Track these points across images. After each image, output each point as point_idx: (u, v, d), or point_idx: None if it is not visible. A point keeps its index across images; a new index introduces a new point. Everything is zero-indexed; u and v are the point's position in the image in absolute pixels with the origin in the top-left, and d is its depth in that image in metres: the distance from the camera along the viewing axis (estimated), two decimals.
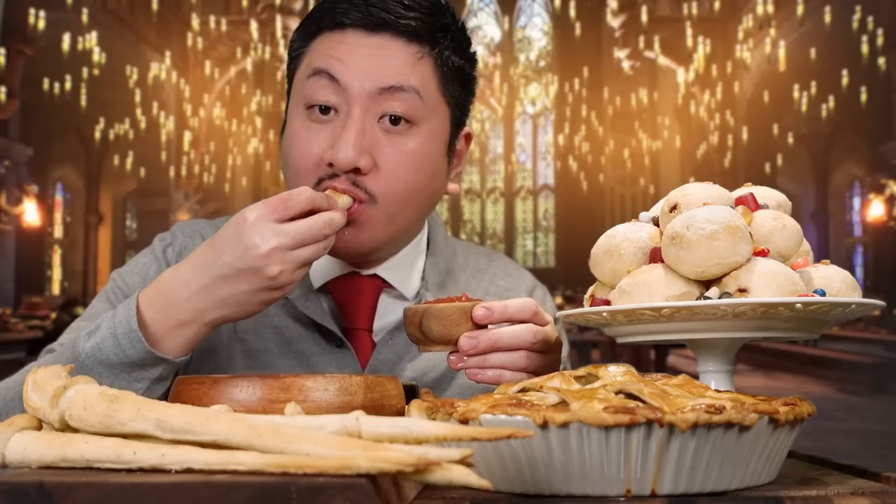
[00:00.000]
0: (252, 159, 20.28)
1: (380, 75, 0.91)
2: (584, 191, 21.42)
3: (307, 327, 1.01)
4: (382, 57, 0.92)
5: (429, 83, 0.94)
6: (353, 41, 0.93)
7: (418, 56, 0.94)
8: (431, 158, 0.96)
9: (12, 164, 13.65)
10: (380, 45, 0.92)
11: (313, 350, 1.00)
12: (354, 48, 0.92)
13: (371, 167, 0.91)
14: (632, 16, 18.14)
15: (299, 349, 1.00)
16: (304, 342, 1.00)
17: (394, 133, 0.93)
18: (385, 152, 0.92)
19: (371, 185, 0.91)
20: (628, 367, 0.63)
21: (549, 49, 23.90)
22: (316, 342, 1.00)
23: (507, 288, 1.16)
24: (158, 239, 1.08)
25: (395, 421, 0.47)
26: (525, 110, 24.00)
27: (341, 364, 0.99)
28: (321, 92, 0.92)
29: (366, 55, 0.92)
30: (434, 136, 0.96)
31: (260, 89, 18.93)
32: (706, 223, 0.67)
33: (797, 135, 16.35)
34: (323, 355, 1.00)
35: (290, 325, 1.01)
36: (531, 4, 24.16)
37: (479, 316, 0.78)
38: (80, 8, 14.01)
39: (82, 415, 0.50)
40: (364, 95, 0.91)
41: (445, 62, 0.96)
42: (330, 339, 1.00)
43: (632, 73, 19.20)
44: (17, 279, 14.28)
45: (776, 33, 15.40)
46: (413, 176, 0.94)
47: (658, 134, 20.35)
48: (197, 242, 1.05)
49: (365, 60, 0.91)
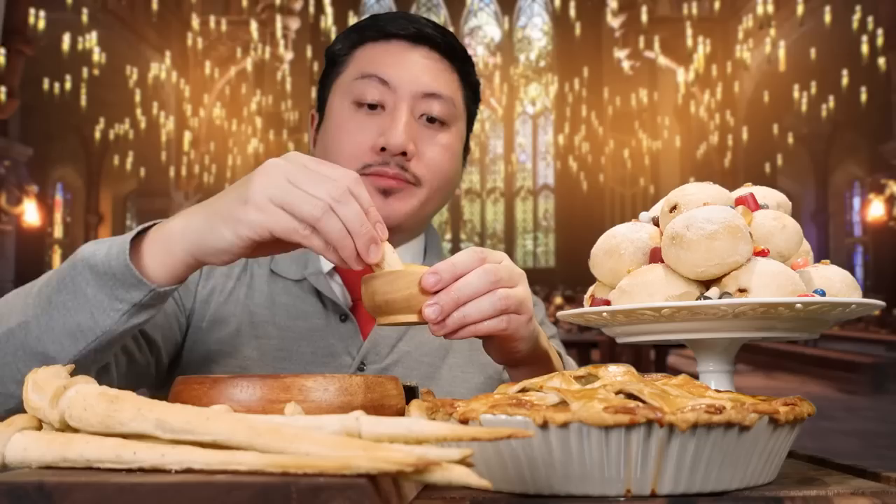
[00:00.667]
0: (252, 159, 20.27)
1: (424, 82, 1.07)
2: (584, 191, 21.43)
3: (315, 304, 1.09)
4: (425, 66, 1.07)
5: (457, 94, 1.11)
6: (397, 51, 1.08)
7: (450, 70, 1.10)
8: (457, 155, 1.12)
9: (12, 164, 13.65)
10: (422, 56, 1.08)
11: (318, 324, 1.08)
12: (401, 57, 1.07)
13: (414, 153, 1.05)
14: (632, 16, 18.15)
15: (307, 323, 1.08)
16: (312, 318, 1.08)
17: (431, 129, 1.07)
18: (426, 143, 1.06)
19: (416, 169, 1.05)
20: (628, 367, 0.63)
21: (549, 49, 23.90)
22: (322, 317, 1.08)
23: None
24: None
25: (395, 421, 0.47)
26: (525, 110, 24.00)
27: (344, 336, 1.07)
28: (371, 92, 1.06)
29: (412, 63, 1.07)
30: (458, 137, 1.12)
31: (260, 89, 18.94)
32: (706, 223, 0.67)
33: (797, 135, 16.35)
34: (328, 328, 1.07)
35: (300, 301, 1.09)
36: (531, 4, 24.16)
37: (430, 284, 0.74)
38: (80, 8, 14.02)
39: (82, 415, 0.49)
40: (409, 96, 1.06)
41: (467, 77, 1.14)
42: (335, 313, 1.09)
43: (632, 73, 19.20)
44: (17, 279, 14.26)
45: (776, 33, 15.40)
46: (447, 166, 1.08)
47: (658, 134, 20.35)
48: None
49: (413, 67, 1.07)
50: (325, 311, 1.09)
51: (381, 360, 1.08)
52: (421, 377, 1.10)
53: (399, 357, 1.09)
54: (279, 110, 19.96)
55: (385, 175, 1.04)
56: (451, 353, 1.13)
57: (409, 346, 1.10)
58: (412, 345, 1.11)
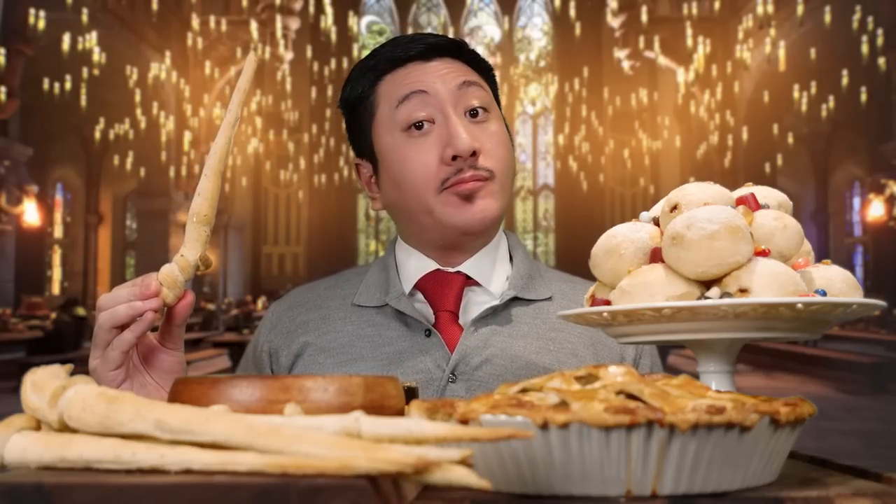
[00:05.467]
0: (252, 159, 20.29)
1: (453, 75, 1.09)
2: (584, 191, 21.42)
3: (399, 328, 1.09)
4: (448, 66, 1.10)
5: (480, 79, 1.13)
6: (417, 68, 1.10)
7: (465, 63, 1.13)
8: (508, 140, 1.12)
9: (12, 164, 13.65)
10: (439, 63, 1.10)
11: (404, 346, 1.07)
12: (423, 71, 1.09)
13: (480, 150, 1.06)
14: (632, 16, 18.15)
15: (392, 348, 1.08)
16: (398, 342, 1.08)
17: (478, 122, 1.08)
18: (481, 137, 1.07)
19: (486, 163, 1.06)
20: (629, 368, 0.62)
21: (549, 49, 23.90)
22: (407, 338, 1.08)
23: None
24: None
25: (394, 421, 0.47)
26: (525, 110, 24.00)
27: (430, 350, 1.06)
28: (416, 109, 1.07)
29: (436, 69, 1.10)
30: (501, 121, 1.13)
31: (260, 89, 18.94)
32: (707, 223, 0.67)
33: (797, 135, 16.36)
34: (413, 348, 1.07)
35: (384, 329, 1.09)
36: (531, 4, 24.16)
37: None
38: (80, 8, 14.00)
39: (81, 415, 0.49)
40: (450, 94, 1.07)
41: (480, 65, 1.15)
42: (419, 331, 1.08)
43: (632, 73, 19.20)
44: (17, 279, 14.28)
45: (776, 33, 15.39)
46: (505, 152, 1.09)
47: (658, 134, 20.35)
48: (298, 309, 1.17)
49: (439, 70, 1.09)
50: (409, 331, 1.08)
51: (471, 370, 1.06)
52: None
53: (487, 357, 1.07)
54: (279, 110, 19.98)
55: (465, 181, 1.04)
56: (538, 361, 1.09)
57: (502, 360, 1.07)
58: (506, 359, 1.07)
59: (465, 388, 1.04)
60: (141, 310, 0.84)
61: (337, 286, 1.18)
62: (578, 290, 1.18)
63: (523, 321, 1.09)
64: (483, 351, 1.06)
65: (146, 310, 0.84)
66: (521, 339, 1.08)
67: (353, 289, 1.16)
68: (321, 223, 21.84)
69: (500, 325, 1.08)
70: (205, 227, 0.86)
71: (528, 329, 1.09)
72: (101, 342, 0.86)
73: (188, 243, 0.87)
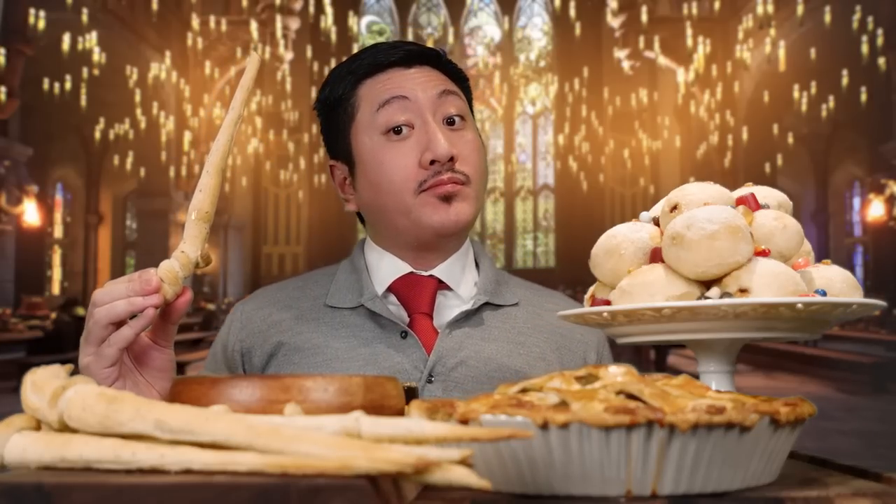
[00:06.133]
0: (252, 159, 20.29)
1: (433, 84, 1.12)
2: (584, 191, 21.43)
3: (374, 328, 1.10)
4: (427, 74, 1.13)
5: (457, 88, 1.15)
6: (397, 74, 1.12)
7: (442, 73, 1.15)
8: (482, 148, 1.16)
9: (12, 164, 13.65)
10: (419, 71, 1.13)
11: (379, 347, 1.08)
12: (404, 77, 1.12)
13: (458, 156, 1.09)
14: (632, 16, 18.15)
15: (368, 349, 1.09)
16: (373, 342, 1.09)
17: (455, 129, 1.11)
18: (458, 144, 1.10)
19: (463, 168, 1.09)
20: (628, 368, 0.62)
21: (549, 49, 23.91)
22: (382, 339, 1.09)
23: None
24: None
25: (394, 421, 0.47)
26: (525, 110, 24.01)
27: (406, 351, 1.07)
28: (396, 114, 1.09)
29: (416, 75, 1.12)
30: (476, 130, 1.16)
31: (260, 89, 18.93)
32: (707, 223, 0.67)
33: (797, 135, 16.35)
34: (389, 349, 1.08)
35: (358, 329, 1.10)
36: (531, 4, 24.16)
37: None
38: (80, 8, 13.99)
39: (81, 415, 0.49)
40: (429, 102, 1.10)
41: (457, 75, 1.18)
42: (395, 332, 1.09)
43: (632, 73, 19.19)
44: (17, 279, 14.28)
45: (776, 33, 15.39)
46: (480, 160, 1.13)
47: (658, 134, 20.35)
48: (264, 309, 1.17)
49: (419, 77, 1.12)
50: (384, 332, 1.09)
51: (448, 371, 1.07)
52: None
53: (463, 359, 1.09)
54: (279, 110, 19.97)
55: (443, 183, 1.07)
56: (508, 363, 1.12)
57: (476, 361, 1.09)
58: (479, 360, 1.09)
59: (442, 389, 1.05)
60: (141, 306, 0.82)
61: (306, 287, 1.18)
62: (541, 296, 1.23)
63: (494, 325, 1.12)
64: (458, 353, 1.08)
65: (147, 306, 0.82)
66: (492, 342, 1.11)
67: (322, 290, 1.16)
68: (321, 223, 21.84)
69: (472, 328, 1.11)
70: (205, 223, 0.86)
71: (498, 333, 1.12)
72: (96, 338, 0.84)
73: (189, 239, 0.86)
